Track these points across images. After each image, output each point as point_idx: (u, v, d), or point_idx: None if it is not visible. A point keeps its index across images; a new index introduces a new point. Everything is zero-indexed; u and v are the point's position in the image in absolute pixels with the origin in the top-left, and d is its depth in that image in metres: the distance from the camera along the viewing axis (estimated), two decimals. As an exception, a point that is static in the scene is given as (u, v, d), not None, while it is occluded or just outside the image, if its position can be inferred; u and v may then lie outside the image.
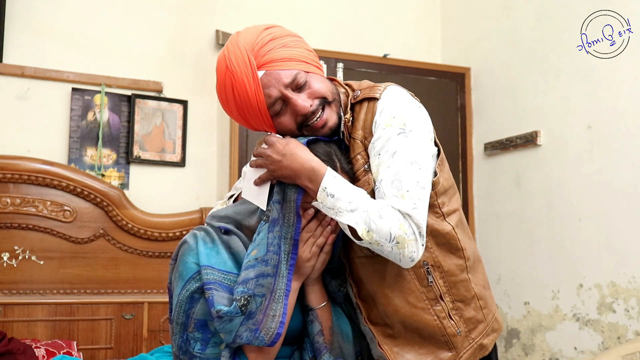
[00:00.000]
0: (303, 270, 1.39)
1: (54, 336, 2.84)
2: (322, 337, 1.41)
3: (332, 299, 1.50)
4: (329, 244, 1.39)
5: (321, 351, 1.41)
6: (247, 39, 1.40)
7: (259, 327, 1.30)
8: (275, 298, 1.32)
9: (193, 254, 1.35)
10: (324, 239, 1.38)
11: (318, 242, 1.38)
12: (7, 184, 2.91)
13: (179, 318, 1.34)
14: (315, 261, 1.39)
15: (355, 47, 3.68)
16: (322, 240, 1.38)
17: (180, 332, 1.34)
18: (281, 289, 1.32)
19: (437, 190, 1.41)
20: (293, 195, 1.35)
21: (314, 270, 1.41)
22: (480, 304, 1.47)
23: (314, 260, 1.39)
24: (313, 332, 1.42)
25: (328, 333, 1.43)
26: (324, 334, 1.42)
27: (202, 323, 1.32)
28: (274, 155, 1.36)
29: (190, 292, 1.32)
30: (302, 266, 1.38)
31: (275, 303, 1.31)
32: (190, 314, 1.32)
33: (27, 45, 3.13)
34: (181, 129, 3.35)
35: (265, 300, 1.31)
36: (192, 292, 1.32)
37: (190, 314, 1.32)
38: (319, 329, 1.42)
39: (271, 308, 1.31)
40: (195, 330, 1.32)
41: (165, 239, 3.14)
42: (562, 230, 3.08)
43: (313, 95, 1.40)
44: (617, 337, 2.77)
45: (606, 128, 2.88)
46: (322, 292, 1.45)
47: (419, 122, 1.40)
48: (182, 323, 1.33)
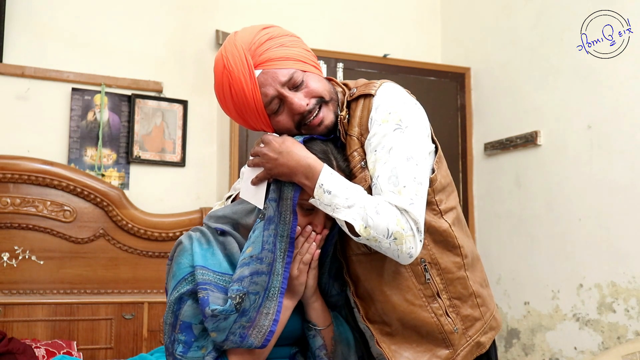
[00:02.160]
0: (295, 288, 1.38)
1: (54, 336, 2.84)
2: (324, 351, 1.42)
3: (332, 304, 1.49)
4: (315, 259, 1.38)
5: None
6: (244, 38, 1.40)
7: (252, 324, 1.30)
8: (269, 296, 1.31)
9: (188, 254, 1.35)
10: (310, 255, 1.37)
11: (304, 259, 1.37)
12: (7, 184, 2.92)
13: (167, 318, 1.34)
14: (304, 278, 1.38)
15: (355, 47, 3.68)
16: (307, 257, 1.37)
17: (169, 333, 1.34)
18: (275, 287, 1.32)
19: (435, 188, 1.41)
20: (290, 193, 1.35)
21: (308, 287, 1.40)
22: (477, 302, 1.46)
23: (303, 277, 1.38)
24: (315, 346, 1.42)
25: (330, 344, 1.43)
26: (327, 348, 1.42)
27: (187, 325, 1.32)
28: (270, 154, 1.35)
29: (180, 294, 1.32)
30: (293, 284, 1.37)
31: (269, 301, 1.31)
32: (177, 315, 1.32)
33: (27, 45, 3.13)
34: (181, 129, 3.35)
35: (259, 298, 1.30)
36: (182, 293, 1.31)
37: (177, 315, 1.32)
38: (321, 343, 1.42)
39: (265, 306, 1.31)
40: (180, 332, 1.32)
41: (166, 239, 3.14)
42: (562, 230, 3.07)
43: (310, 95, 1.40)
44: (617, 337, 2.77)
45: (606, 128, 2.88)
46: (325, 311, 1.44)
47: (415, 118, 1.40)
48: (170, 323, 1.34)
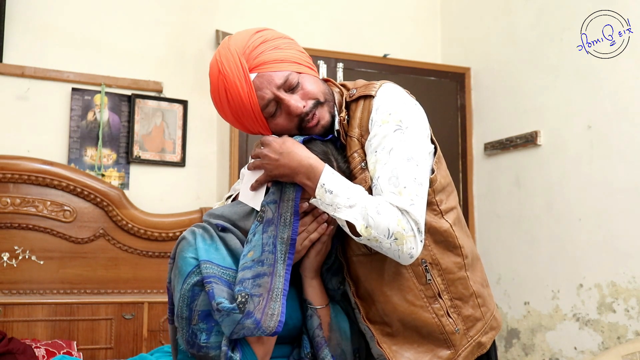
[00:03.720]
0: None
1: (54, 336, 2.84)
2: (322, 330, 1.42)
3: (331, 296, 1.50)
4: (327, 234, 1.39)
5: (321, 345, 1.41)
6: (238, 42, 1.40)
7: (257, 327, 1.29)
8: (273, 297, 1.31)
9: (192, 249, 1.35)
10: (318, 234, 1.38)
11: (311, 237, 1.38)
12: (7, 184, 2.91)
13: (182, 312, 1.34)
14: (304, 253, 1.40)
15: (355, 47, 3.67)
16: (315, 236, 1.38)
17: (186, 327, 1.34)
18: (278, 288, 1.32)
19: (435, 188, 1.41)
20: (292, 194, 1.34)
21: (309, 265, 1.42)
22: (478, 302, 1.46)
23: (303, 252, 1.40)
24: (313, 326, 1.42)
25: (327, 329, 1.43)
26: (323, 328, 1.42)
27: (207, 313, 1.32)
28: (271, 154, 1.35)
29: (191, 286, 1.32)
30: None
31: (274, 302, 1.31)
32: (192, 307, 1.32)
33: (27, 45, 3.13)
34: (181, 129, 3.35)
35: (263, 300, 1.30)
36: (193, 285, 1.32)
37: (192, 307, 1.32)
38: (318, 322, 1.42)
39: (269, 307, 1.31)
40: (200, 321, 1.32)
41: (166, 239, 3.14)
42: (562, 230, 3.08)
43: (306, 97, 1.40)
44: (617, 337, 2.77)
45: (606, 128, 2.88)
46: (322, 292, 1.45)
47: (416, 119, 1.40)
48: (186, 317, 1.33)
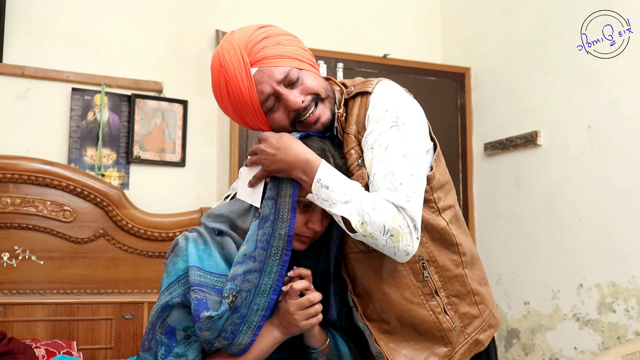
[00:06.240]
0: (289, 322, 1.36)
1: (54, 336, 2.84)
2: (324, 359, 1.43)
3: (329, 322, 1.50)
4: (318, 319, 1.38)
5: None
6: (241, 37, 1.42)
7: (242, 320, 1.32)
8: (260, 292, 1.32)
9: (183, 255, 1.35)
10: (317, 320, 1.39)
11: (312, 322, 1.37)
12: (7, 184, 2.92)
13: (152, 316, 1.35)
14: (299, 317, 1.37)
15: (355, 47, 3.67)
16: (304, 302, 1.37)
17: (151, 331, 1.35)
18: (266, 284, 1.33)
19: (433, 185, 1.40)
20: (289, 190, 1.34)
21: (302, 326, 1.38)
22: (476, 300, 1.46)
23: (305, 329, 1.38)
24: None
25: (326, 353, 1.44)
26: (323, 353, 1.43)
27: (171, 329, 1.33)
28: (268, 150, 1.36)
29: (169, 301, 1.32)
30: (287, 318, 1.36)
31: (260, 297, 1.32)
32: (163, 316, 1.33)
33: (27, 45, 3.13)
34: (181, 129, 3.35)
35: (250, 295, 1.32)
36: (172, 300, 1.32)
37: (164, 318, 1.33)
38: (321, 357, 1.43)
39: (255, 302, 1.32)
40: (164, 334, 1.33)
41: (166, 239, 3.14)
42: (562, 230, 3.07)
43: (306, 92, 1.40)
44: (617, 337, 2.77)
45: (606, 128, 2.88)
46: (321, 333, 1.44)
47: (412, 116, 1.40)
48: (153, 322, 1.35)
